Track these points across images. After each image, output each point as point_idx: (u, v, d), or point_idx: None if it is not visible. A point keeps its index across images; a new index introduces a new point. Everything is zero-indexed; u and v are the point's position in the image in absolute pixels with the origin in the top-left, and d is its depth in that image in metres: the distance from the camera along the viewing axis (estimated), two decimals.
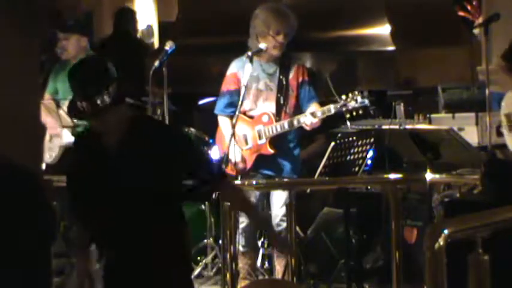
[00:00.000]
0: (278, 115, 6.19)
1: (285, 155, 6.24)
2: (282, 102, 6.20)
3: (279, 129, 6.13)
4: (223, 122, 6.25)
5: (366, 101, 5.95)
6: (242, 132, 6.20)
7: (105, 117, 3.88)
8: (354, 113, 5.97)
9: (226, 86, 6.27)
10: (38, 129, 4.42)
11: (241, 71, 6.13)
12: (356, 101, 5.93)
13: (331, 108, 5.99)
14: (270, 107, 6.21)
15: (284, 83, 6.20)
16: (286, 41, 6.14)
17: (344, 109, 5.96)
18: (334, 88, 6.31)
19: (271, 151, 6.18)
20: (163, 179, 3.91)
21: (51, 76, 6.96)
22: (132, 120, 3.98)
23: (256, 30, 6.13)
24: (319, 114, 6.03)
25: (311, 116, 6.03)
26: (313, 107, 6.16)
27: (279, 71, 6.22)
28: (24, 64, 4.06)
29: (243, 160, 6.18)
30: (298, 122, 6.07)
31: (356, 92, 5.95)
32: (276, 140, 6.19)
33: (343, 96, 5.96)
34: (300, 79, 6.25)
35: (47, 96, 6.84)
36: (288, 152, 6.25)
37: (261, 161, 6.21)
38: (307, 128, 6.10)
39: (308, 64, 7.40)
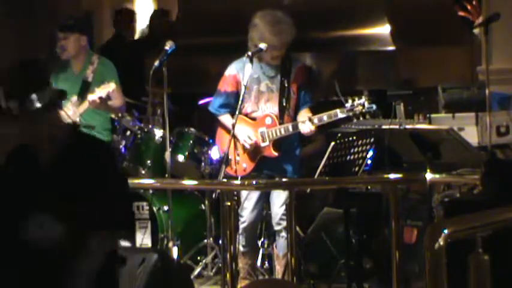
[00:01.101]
0: (281, 117, 6.19)
1: (288, 156, 6.25)
2: (284, 104, 6.20)
3: (283, 132, 6.13)
4: (227, 119, 6.23)
5: (374, 106, 5.96)
6: (249, 133, 6.19)
7: (34, 122, 3.43)
8: (361, 118, 5.99)
9: (224, 86, 6.27)
10: None
11: (241, 73, 6.13)
12: (363, 106, 5.94)
13: (338, 113, 5.98)
14: (272, 108, 6.21)
15: (286, 85, 6.21)
16: (284, 50, 6.14)
17: (351, 114, 5.97)
18: (334, 88, 6.30)
19: (275, 154, 6.18)
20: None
21: (51, 76, 6.94)
22: (66, 134, 3.53)
23: (254, 42, 6.13)
24: (325, 118, 6.03)
25: (316, 120, 6.03)
26: (304, 113, 6.17)
27: (280, 73, 6.23)
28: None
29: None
30: (304, 124, 6.07)
31: (363, 97, 5.95)
32: (279, 142, 6.19)
33: (350, 101, 5.95)
34: (300, 81, 6.27)
35: None
36: (291, 153, 6.26)
37: (264, 163, 6.21)
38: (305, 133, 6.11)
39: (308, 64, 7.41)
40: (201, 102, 7.65)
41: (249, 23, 6.22)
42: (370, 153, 5.92)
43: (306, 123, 6.05)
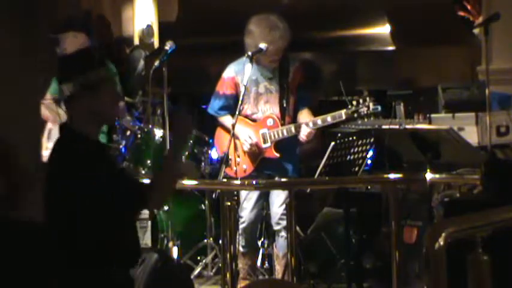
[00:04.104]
0: (282, 118, 6.18)
1: (289, 156, 6.24)
2: (285, 105, 6.19)
3: (285, 134, 6.12)
4: (227, 120, 6.22)
5: (379, 108, 5.96)
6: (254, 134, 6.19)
7: None
8: (366, 119, 5.99)
9: (223, 89, 6.26)
10: (36, 129, 4.42)
11: (239, 75, 6.12)
12: (368, 107, 5.93)
13: (342, 114, 5.98)
14: (272, 109, 6.20)
15: (285, 85, 6.20)
16: (280, 54, 6.13)
17: (356, 115, 5.97)
18: (334, 88, 6.29)
19: (277, 155, 6.17)
20: None
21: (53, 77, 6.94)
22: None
23: (249, 48, 6.13)
24: (329, 119, 6.02)
25: (320, 122, 6.03)
26: (305, 113, 6.17)
27: (278, 74, 6.22)
28: (24, 64, 4.05)
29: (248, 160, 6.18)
30: (307, 125, 6.06)
31: (367, 98, 5.95)
32: (280, 143, 6.18)
33: (354, 102, 5.95)
34: (298, 81, 6.26)
35: (48, 96, 6.83)
36: (291, 153, 6.26)
37: (265, 164, 6.20)
38: (303, 139, 6.11)
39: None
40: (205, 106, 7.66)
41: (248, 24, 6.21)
42: (370, 153, 5.92)
43: (306, 126, 6.03)
